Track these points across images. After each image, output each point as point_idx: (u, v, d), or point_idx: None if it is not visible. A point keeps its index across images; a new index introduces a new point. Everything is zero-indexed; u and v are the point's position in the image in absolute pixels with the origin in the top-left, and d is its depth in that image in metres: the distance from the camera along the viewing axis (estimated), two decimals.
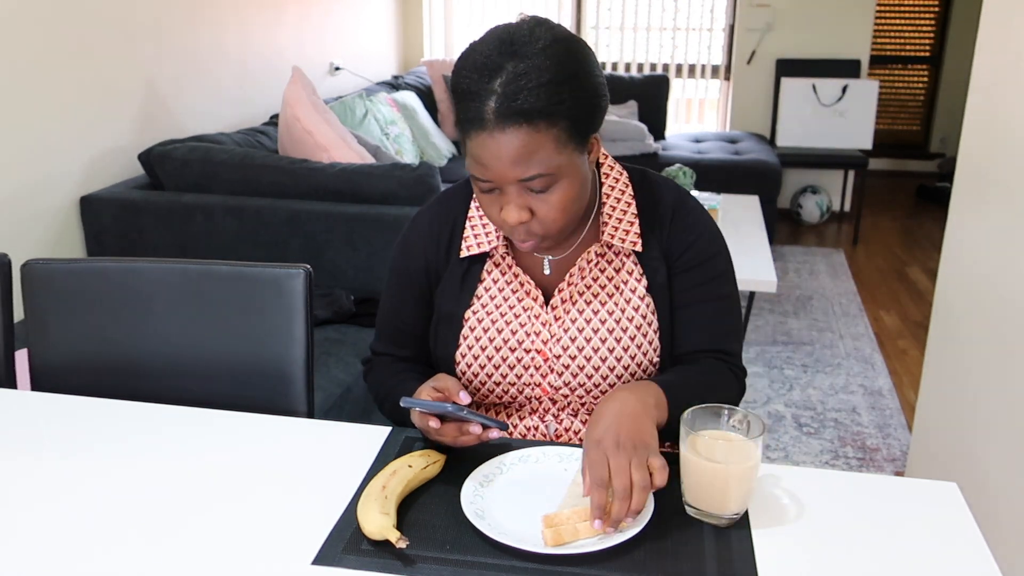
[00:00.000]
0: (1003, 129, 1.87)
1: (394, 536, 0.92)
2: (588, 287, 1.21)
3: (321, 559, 0.92)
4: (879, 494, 1.05)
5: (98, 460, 1.13)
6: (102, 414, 1.26)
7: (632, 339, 1.19)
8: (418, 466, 1.04)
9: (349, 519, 0.99)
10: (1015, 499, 1.76)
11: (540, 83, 1.00)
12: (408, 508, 1.01)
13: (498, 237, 1.22)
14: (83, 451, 1.15)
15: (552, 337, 1.20)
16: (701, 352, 1.22)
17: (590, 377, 1.20)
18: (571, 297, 1.20)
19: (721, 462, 0.97)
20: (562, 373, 1.20)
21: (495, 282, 1.23)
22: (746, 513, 1.00)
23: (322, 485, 1.06)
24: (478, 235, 1.23)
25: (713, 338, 1.22)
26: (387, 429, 1.19)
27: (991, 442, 1.88)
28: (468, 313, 1.22)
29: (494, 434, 1.05)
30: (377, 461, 1.11)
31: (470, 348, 1.22)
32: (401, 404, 1.04)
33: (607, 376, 1.19)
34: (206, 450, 1.16)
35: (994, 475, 1.86)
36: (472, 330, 1.22)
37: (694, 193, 3.19)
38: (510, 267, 1.22)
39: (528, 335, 1.20)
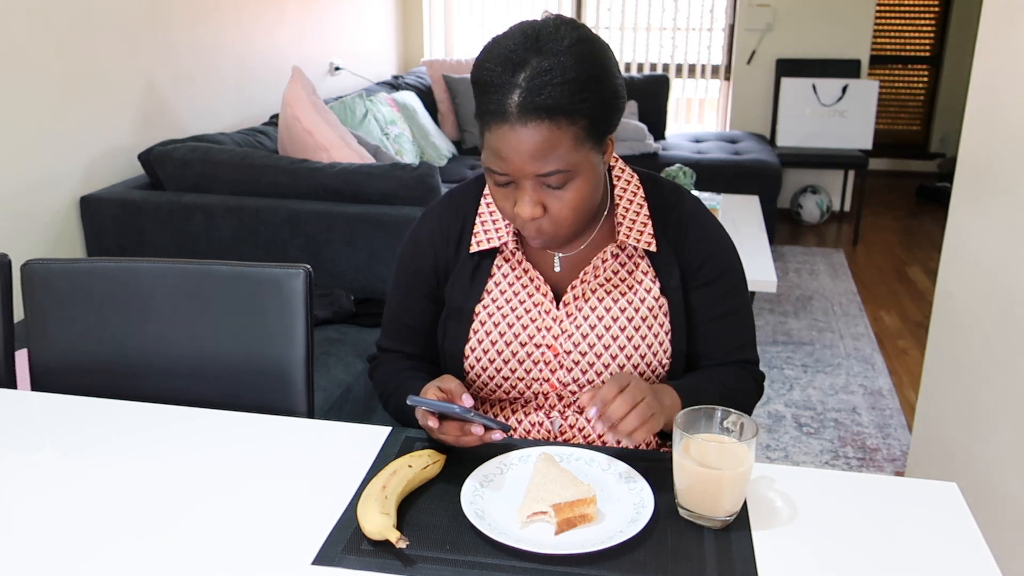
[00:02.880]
0: (1003, 129, 1.87)
1: (394, 536, 0.92)
2: (601, 285, 1.21)
3: (321, 559, 0.93)
4: (879, 494, 1.05)
5: (97, 460, 1.13)
6: (102, 414, 1.26)
7: (643, 338, 1.20)
8: (418, 466, 1.04)
9: (349, 519, 0.99)
10: (1015, 499, 1.76)
11: (564, 80, 1.01)
12: (408, 508, 1.01)
13: (508, 232, 1.22)
14: (83, 451, 1.15)
15: (563, 333, 1.21)
16: (723, 365, 1.25)
17: (599, 374, 1.20)
18: (583, 294, 1.21)
19: (714, 466, 0.96)
20: (571, 369, 1.21)
21: (505, 277, 1.24)
22: (746, 513, 1.00)
23: (322, 485, 1.06)
24: (488, 230, 1.24)
25: (734, 350, 1.25)
26: (387, 429, 1.19)
27: (991, 442, 1.88)
28: (478, 308, 1.23)
29: (496, 436, 1.05)
30: (377, 461, 1.11)
31: (480, 342, 1.22)
32: (408, 402, 1.04)
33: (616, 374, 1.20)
34: (206, 450, 1.16)
35: (994, 475, 1.86)
36: (482, 324, 1.22)
37: (694, 193, 3.19)
38: (520, 263, 1.23)
39: (539, 330, 1.21)
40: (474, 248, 1.23)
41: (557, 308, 1.21)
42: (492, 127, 1.04)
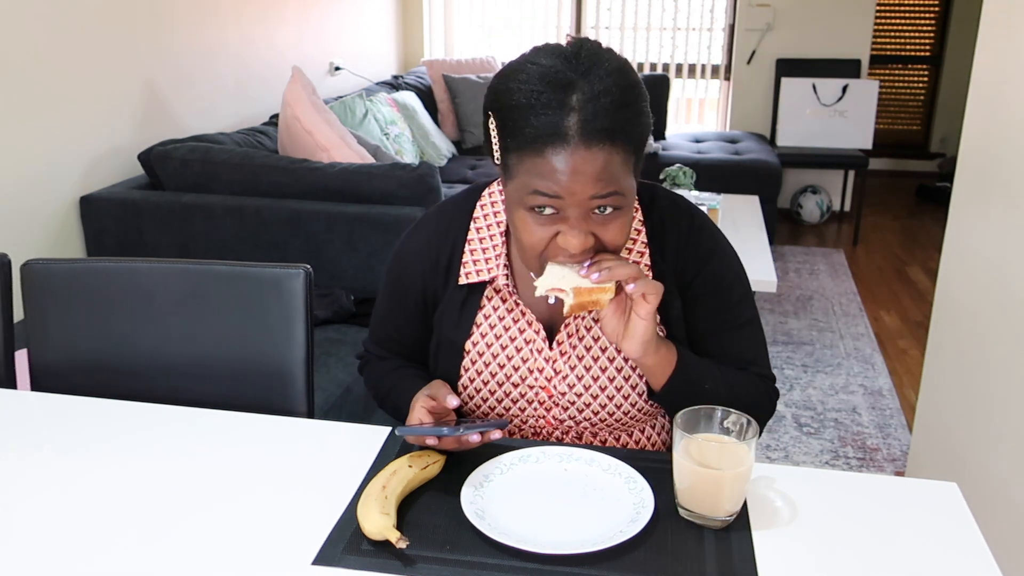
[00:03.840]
0: (1003, 129, 1.87)
1: (394, 536, 0.92)
2: (596, 321, 1.16)
3: (321, 559, 0.92)
4: (879, 494, 1.05)
5: (97, 460, 1.13)
6: (102, 414, 1.26)
7: (641, 377, 1.16)
8: (418, 466, 1.04)
9: (349, 519, 0.99)
10: (1015, 499, 1.76)
11: (620, 104, 0.98)
12: (408, 508, 1.01)
13: (499, 265, 1.17)
14: (82, 451, 1.15)
15: (557, 374, 1.17)
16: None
17: (596, 413, 1.18)
18: (578, 332, 1.17)
19: (714, 467, 0.96)
20: (567, 408, 1.18)
21: (495, 310, 1.19)
22: (746, 513, 1.00)
23: (322, 485, 1.06)
24: (477, 261, 1.18)
25: (742, 364, 1.19)
26: (387, 429, 1.19)
27: (991, 442, 1.88)
28: (468, 344, 1.19)
29: (495, 435, 1.05)
30: (377, 461, 1.11)
31: (471, 381, 1.20)
32: (397, 433, 1.04)
33: (614, 412, 1.18)
34: (206, 450, 1.16)
35: (994, 475, 1.86)
36: (474, 363, 1.19)
37: (694, 193, 3.19)
38: (511, 295, 1.18)
39: (531, 372, 1.17)
40: (463, 280, 1.18)
41: (550, 348, 1.17)
42: (546, 151, 0.97)
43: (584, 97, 0.96)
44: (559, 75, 0.97)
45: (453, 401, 1.06)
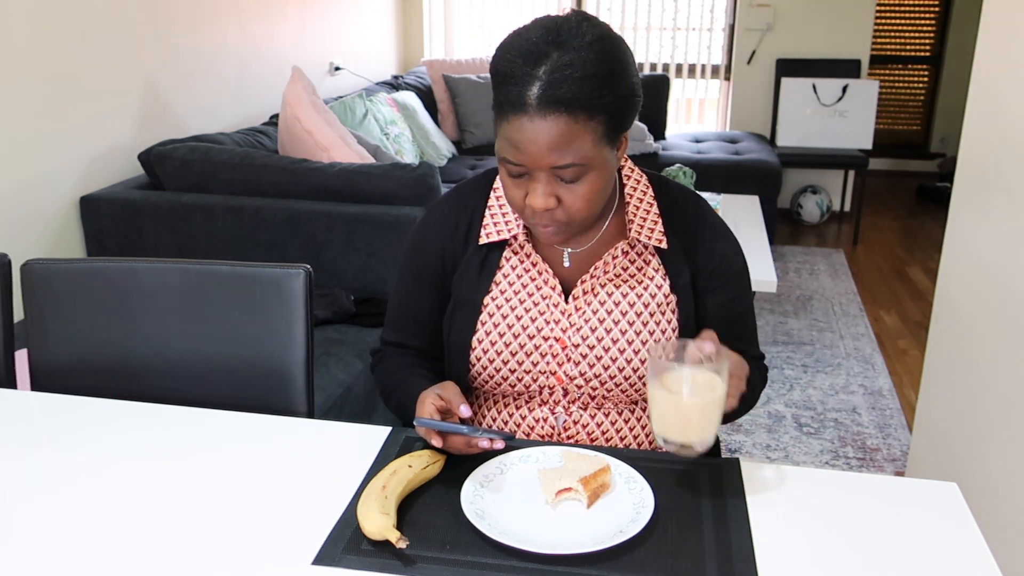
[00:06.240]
0: (1003, 129, 1.87)
1: (394, 536, 0.92)
2: (611, 280, 1.22)
3: (321, 559, 0.93)
4: (879, 494, 1.05)
5: (97, 460, 1.13)
6: (101, 414, 1.26)
7: (651, 333, 1.21)
8: (418, 466, 1.04)
9: (349, 519, 0.99)
10: (1015, 499, 1.76)
11: (585, 75, 1.02)
12: (408, 508, 1.01)
13: (518, 225, 1.23)
14: (83, 451, 1.15)
15: (572, 326, 1.21)
16: None
17: (606, 368, 1.21)
18: (592, 289, 1.22)
19: (685, 395, 0.99)
20: (579, 363, 1.21)
21: (513, 269, 1.24)
22: (746, 514, 1.00)
23: (322, 485, 1.06)
24: (497, 223, 1.24)
25: (743, 350, 1.26)
26: (387, 429, 1.19)
27: (991, 442, 1.88)
28: (487, 299, 1.23)
29: (499, 444, 1.06)
30: (377, 461, 1.11)
31: (487, 334, 1.23)
32: (415, 424, 1.05)
33: (623, 368, 1.21)
34: (206, 450, 1.16)
35: (994, 475, 1.86)
36: (491, 316, 1.23)
37: None
38: (528, 255, 1.24)
39: (547, 323, 1.22)
40: (483, 240, 1.24)
41: (566, 302, 1.22)
42: (510, 118, 1.05)
43: (550, 68, 1.02)
44: (535, 47, 1.04)
45: (466, 411, 1.08)
